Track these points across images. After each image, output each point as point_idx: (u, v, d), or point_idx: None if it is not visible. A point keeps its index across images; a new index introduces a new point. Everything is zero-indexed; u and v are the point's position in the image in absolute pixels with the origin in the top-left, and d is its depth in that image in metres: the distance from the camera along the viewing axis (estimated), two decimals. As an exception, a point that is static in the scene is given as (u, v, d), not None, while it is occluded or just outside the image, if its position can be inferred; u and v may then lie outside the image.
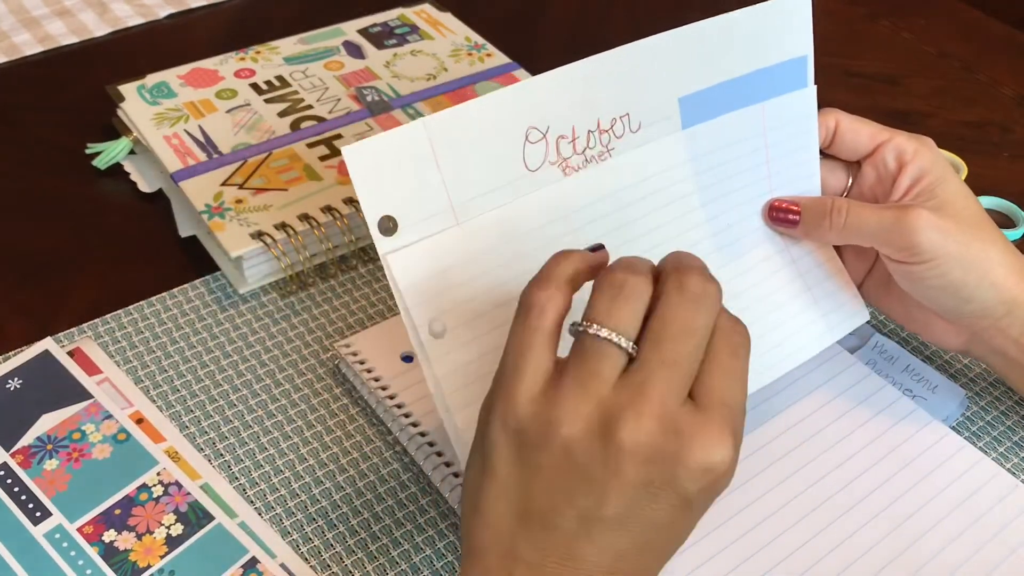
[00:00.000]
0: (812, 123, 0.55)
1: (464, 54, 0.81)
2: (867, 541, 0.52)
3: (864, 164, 0.56)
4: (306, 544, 0.52)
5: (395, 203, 0.45)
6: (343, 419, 0.58)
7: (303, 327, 0.62)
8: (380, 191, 0.44)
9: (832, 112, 0.55)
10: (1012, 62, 0.89)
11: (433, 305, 0.46)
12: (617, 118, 0.50)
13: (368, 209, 0.44)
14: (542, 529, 0.39)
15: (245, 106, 0.74)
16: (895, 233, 0.51)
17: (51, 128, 0.77)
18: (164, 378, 0.59)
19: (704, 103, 0.52)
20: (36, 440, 0.54)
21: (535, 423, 0.39)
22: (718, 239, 0.54)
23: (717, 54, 0.51)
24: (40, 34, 0.86)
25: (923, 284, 0.52)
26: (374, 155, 0.44)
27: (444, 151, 0.45)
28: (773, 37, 0.53)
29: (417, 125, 0.44)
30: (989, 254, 0.51)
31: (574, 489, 0.38)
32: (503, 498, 0.40)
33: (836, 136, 0.55)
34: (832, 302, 0.57)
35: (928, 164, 0.53)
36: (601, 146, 0.50)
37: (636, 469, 0.38)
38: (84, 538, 0.51)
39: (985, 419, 0.59)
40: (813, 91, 0.55)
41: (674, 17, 0.52)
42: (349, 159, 0.43)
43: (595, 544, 0.38)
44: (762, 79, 0.53)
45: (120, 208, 0.71)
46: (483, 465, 0.40)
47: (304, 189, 0.67)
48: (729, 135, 0.53)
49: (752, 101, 0.54)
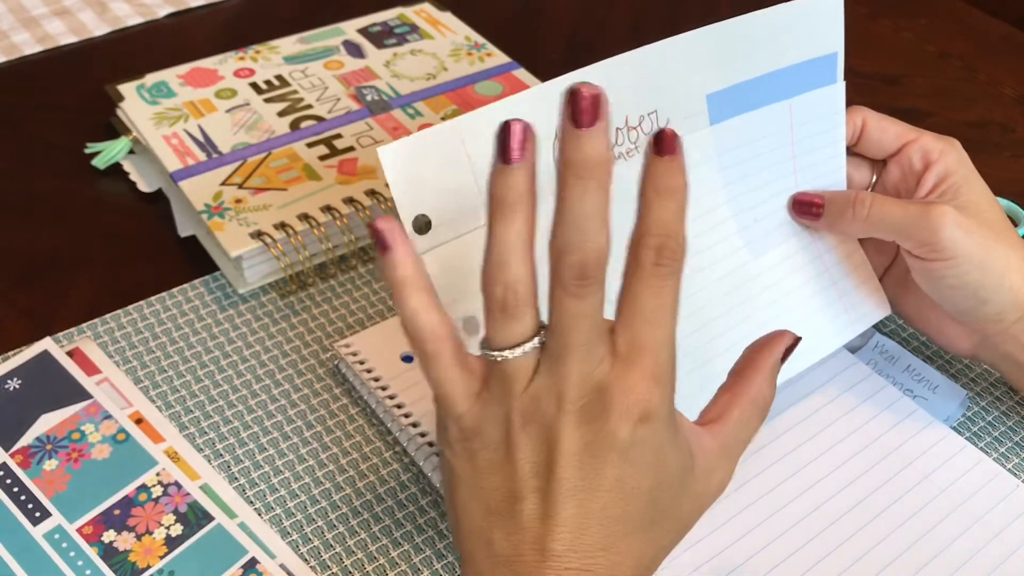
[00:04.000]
0: (840, 119, 0.55)
1: (464, 53, 0.81)
2: (868, 541, 0.52)
3: (889, 162, 0.56)
4: (306, 544, 0.52)
5: (429, 202, 0.45)
6: (343, 419, 0.57)
7: (303, 327, 0.62)
8: (414, 191, 0.45)
9: (860, 110, 0.55)
10: (1013, 62, 0.89)
11: (466, 304, 0.46)
12: (645, 115, 0.50)
13: (403, 208, 0.45)
14: (509, 516, 0.40)
15: (245, 106, 0.74)
16: (919, 228, 0.51)
17: (50, 128, 0.77)
18: (163, 378, 0.59)
19: (732, 99, 0.52)
20: (35, 440, 0.54)
21: (474, 424, 0.41)
22: (745, 234, 0.54)
23: (746, 51, 0.51)
24: (39, 33, 0.86)
25: (941, 283, 0.52)
26: (409, 155, 0.44)
27: (476, 150, 0.45)
28: (804, 34, 0.53)
29: (450, 126, 0.45)
30: (1009, 258, 0.51)
31: (524, 472, 0.40)
32: (471, 498, 0.41)
33: (863, 134, 0.55)
34: (857, 295, 0.57)
35: (954, 165, 0.53)
36: (629, 143, 0.50)
37: (569, 436, 0.39)
38: (83, 538, 0.51)
39: (986, 419, 0.59)
40: (842, 87, 0.55)
41: (674, 17, 0.52)
42: (384, 159, 0.44)
43: (560, 521, 0.39)
44: (791, 75, 0.53)
45: (119, 208, 0.70)
46: (450, 478, 0.42)
47: (304, 189, 0.67)
48: (757, 131, 0.53)
49: (780, 97, 0.53)
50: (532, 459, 0.40)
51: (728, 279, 0.53)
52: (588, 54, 0.47)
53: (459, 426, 0.41)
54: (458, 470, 0.41)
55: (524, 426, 0.40)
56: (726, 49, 0.50)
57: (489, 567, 0.40)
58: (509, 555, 0.39)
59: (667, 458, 0.40)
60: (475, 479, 0.41)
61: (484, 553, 0.40)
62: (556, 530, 0.39)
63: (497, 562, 0.40)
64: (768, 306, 0.54)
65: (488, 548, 0.40)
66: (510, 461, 0.40)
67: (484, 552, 0.40)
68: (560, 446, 0.39)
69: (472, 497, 0.41)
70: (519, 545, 0.39)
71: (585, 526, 0.39)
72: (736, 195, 0.53)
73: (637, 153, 0.50)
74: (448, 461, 0.42)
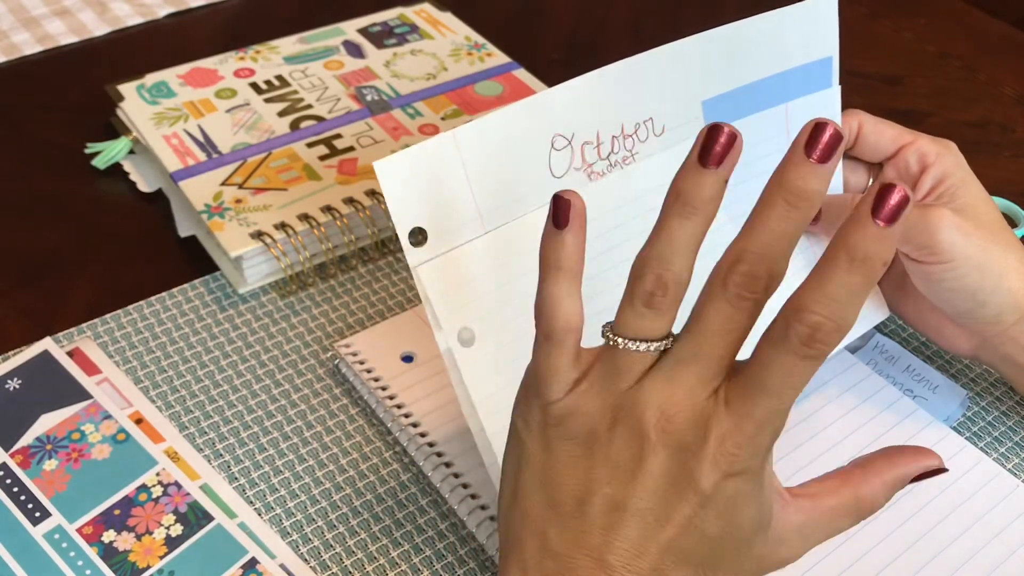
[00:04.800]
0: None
1: (464, 53, 0.81)
2: (868, 541, 0.52)
3: (886, 165, 0.55)
4: (306, 545, 0.52)
5: (425, 215, 0.45)
6: (343, 419, 0.57)
7: (303, 327, 0.62)
8: (411, 204, 0.45)
9: (856, 113, 0.55)
10: (1013, 62, 0.89)
11: (462, 314, 0.46)
12: (641, 122, 0.50)
13: (399, 222, 0.44)
14: (572, 517, 0.38)
15: (245, 106, 0.74)
16: (916, 231, 0.51)
17: (50, 128, 0.77)
18: (163, 378, 0.59)
19: (728, 105, 0.52)
20: (35, 440, 0.54)
21: (563, 412, 0.39)
22: None
23: (741, 58, 0.51)
24: (39, 33, 0.86)
25: (940, 285, 0.52)
26: (405, 169, 0.44)
27: (472, 162, 0.45)
28: (799, 39, 0.53)
29: (446, 138, 0.45)
30: (1007, 260, 0.51)
31: (601, 476, 0.38)
32: (537, 486, 0.40)
33: (859, 137, 0.55)
34: None
35: (951, 167, 0.53)
36: (625, 151, 0.50)
37: (658, 459, 0.37)
38: (83, 539, 0.51)
39: (986, 419, 0.59)
40: (838, 92, 0.55)
41: (673, 17, 0.52)
42: (380, 173, 0.43)
43: (620, 537, 0.38)
44: (786, 80, 0.53)
45: (119, 208, 0.70)
46: (518, 457, 0.40)
47: (304, 189, 0.67)
48: (753, 136, 0.53)
49: (776, 102, 0.53)
50: (613, 463, 0.38)
51: None
52: (588, 54, 0.47)
53: (547, 412, 0.39)
54: (531, 452, 0.40)
55: (614, 426, 0.38)
56: (721, 55, 0.50)
57: (537, 559, 0.39)
58: (562, 553, 0.38)
59: (744, 512, 0.39)
60: (547, 467, 0.39)
61: (535, 543, 0.39)
62: (616, 545, 0.38)
63: (547, 555, 0.39)
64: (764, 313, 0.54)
65: (541, 539, 0.39)
66: (589, 458, 0.38)
67: (536, 542, 0.39)
68: (645, 464, 0.37)
69: (538, 485, 0.39)
70: (575, 547, 0.38)
71: (645, 550, 0.38)
72: (732, 201, 0.53)
73: (633, 161, 0.50)
74: (521, 439, 0.40)
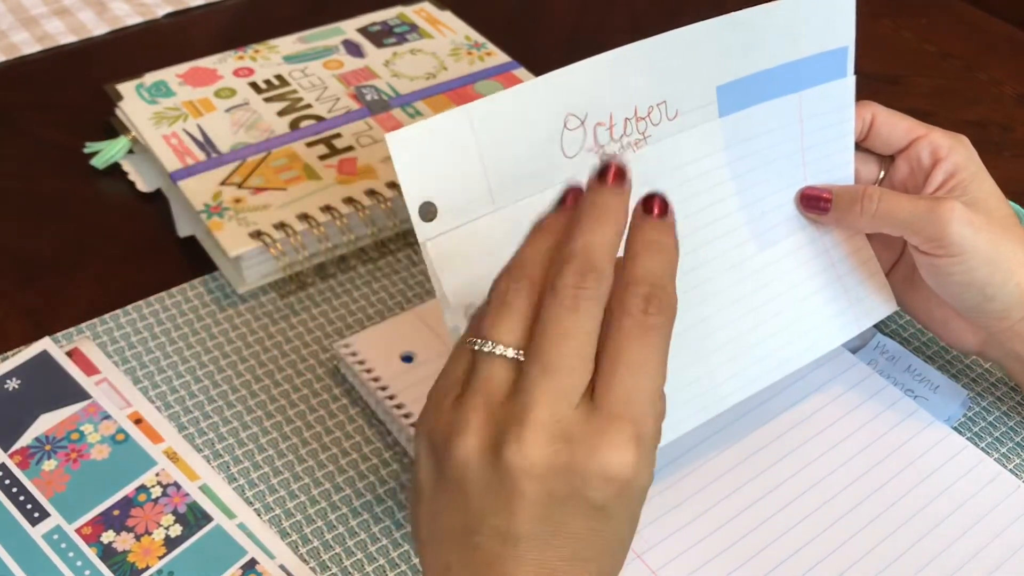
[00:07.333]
0: (849, 113, 0.55)
1: (464, 53, 0.81)
2: (869, 541, 0.52)
3: (898, 158, 0.55)
4: (305, 545, 0.52)
5: (436, 189, 0.45)
6: (343, 419, 0.57)
7: (302, 327, 0.62)
8: (422, 178, 0.44)
9: (869, 105, 0.55)
10: (1013, 61, 0.88)
11: (469, 291, 0.46)
12: (654, 106, 0.50)
13: (410, 195, 0.44)
14: (468, 549, 0.37)
15: (244, 105, 0.74)
16: (927, 223, 0.51)
17: (49, 127, 0.77)
18: (163, 378, 0.59)
19: (742, 91, 0.52)
20: (34, 441, 0.54)
21: (440, 437, 0.38)
22: (752, 227, 0.54)
23: (757, 43, 0.51)
24: (39, 33, 0.86)
25: (949, 279, 0.52)
26: (417, 142, 0.44)
27: (485, 138, 0.45)
28: (815, 27, 0.53)
29: (460, 112, 0.44)
30: (1017, 255, 0.51)
31: (482, 508, 0.37)
32: (432, 516, 0.38)
33: (872, 129, 0.55)
34: (863, 291, 0.57)
35: (963, 161, 0.53)
36: (638, 133, 0.49)
37: (532, 485, 0.36)
38: (82, 539, 0.51)
39: (987, 420, 0.58)
40: (852, 82, 0.55)
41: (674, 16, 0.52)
42: (392, 145, 0.43)
43: (523, 563, 0.36)
44: (801, 69, 0.53)
45: (118, 208, 0.70)
46: (414, 484, 0.40)
47: (303, 188, 0.67)
48: (766, 123, 0.53)
49: (790, 90, 0.53)
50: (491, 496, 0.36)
51: (733, 271, 0.53)
52: (588, 54, 0.47)
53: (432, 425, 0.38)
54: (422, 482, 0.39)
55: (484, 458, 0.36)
56: (737, 41, 0.50)
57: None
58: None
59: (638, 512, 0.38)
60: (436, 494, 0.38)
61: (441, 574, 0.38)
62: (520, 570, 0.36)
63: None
64: (773, 299, 0.54)
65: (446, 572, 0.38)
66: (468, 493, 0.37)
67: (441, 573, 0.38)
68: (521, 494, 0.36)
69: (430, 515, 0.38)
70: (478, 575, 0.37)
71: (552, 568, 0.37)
72: (744, 187, 0.53)
73: (645, 144, 0.50)
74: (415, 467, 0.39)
